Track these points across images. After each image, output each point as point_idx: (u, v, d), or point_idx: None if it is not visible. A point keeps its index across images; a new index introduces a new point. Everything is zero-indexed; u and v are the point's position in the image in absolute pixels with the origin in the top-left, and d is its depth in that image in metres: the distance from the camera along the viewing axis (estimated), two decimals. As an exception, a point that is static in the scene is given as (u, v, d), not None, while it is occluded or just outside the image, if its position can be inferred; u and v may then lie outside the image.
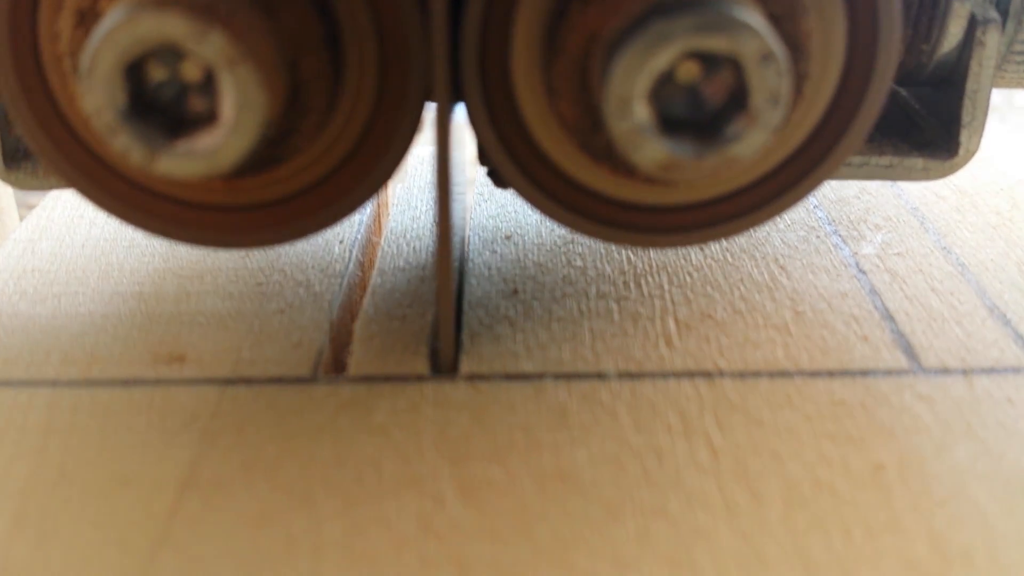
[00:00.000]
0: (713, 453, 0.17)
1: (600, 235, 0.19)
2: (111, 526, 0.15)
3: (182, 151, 0.15)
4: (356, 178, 0.18)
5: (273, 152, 0.17)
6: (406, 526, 0.15)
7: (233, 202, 0.18)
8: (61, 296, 0.22)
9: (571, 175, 0.18)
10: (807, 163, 0.18)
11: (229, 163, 0.15)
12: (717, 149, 0.15)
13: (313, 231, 0.18)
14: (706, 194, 0.18)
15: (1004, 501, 0.15)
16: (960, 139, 0.20)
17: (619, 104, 0.15)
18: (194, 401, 0.18)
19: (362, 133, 0.18)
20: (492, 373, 0.19)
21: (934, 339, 0.20)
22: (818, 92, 0.17)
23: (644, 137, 0.15)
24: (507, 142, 0.18)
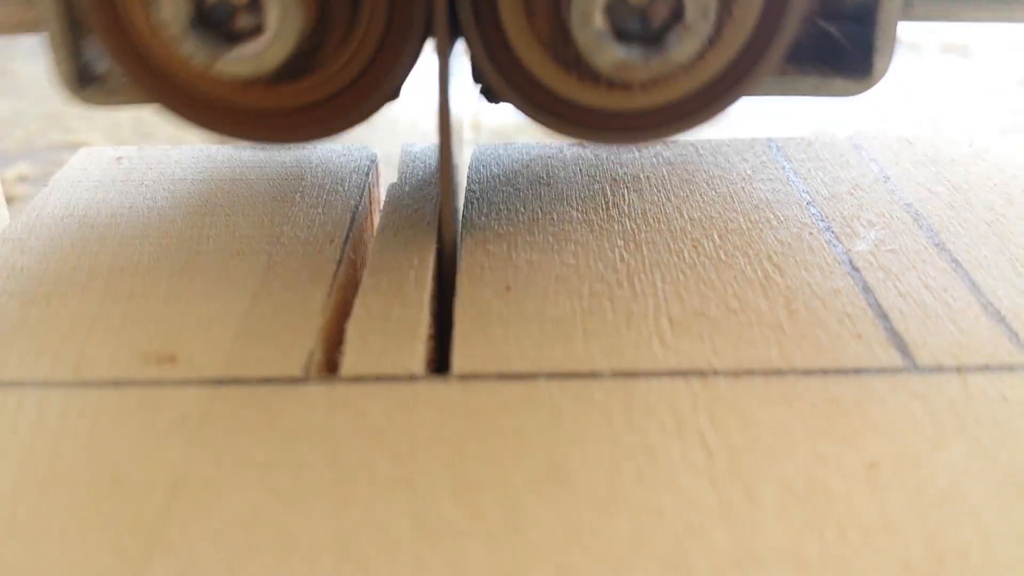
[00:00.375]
0: (707, 452, 0.17)
1: (574, 135, 0.23)
2: (102, 527, 0.15)
3: (236, 55, 0.20)
4: (372, 86, 0.22)
5: (305, 63, 0.22)
6: (400, 527, 0.15)
7: (274, 106, 0.22)
8: (51, 296, 0.22)
9: (549, 85, 0.22)
10: (738, 74, 0.22)
11: (273, 65, 0.20)
12: (660, 54, 0.20)
13: (340, 131, 0.23)
14: (658, 100, 0.22)
15: (999, 499, 0.15)
16: (873, 61, 0.24)
17: (582, 16, 0.20)
18: (185, 402, 0.18)
19: (376, 48, 0.22)
20: (485, 373, 0.19)
21: (928, 337, 0.20)
22: (746, 13, 0.21)
23: (602, 43, 0.20)
24: (496, 59, 0.22)
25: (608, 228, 0.24)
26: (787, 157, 0.29)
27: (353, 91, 0.22)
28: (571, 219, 0.25)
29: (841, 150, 0.29)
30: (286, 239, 0.24)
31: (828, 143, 0.30)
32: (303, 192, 0.26)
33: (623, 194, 0.26)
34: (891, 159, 0.29)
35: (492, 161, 0.28)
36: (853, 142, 0.30)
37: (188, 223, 0.25)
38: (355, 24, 0.22)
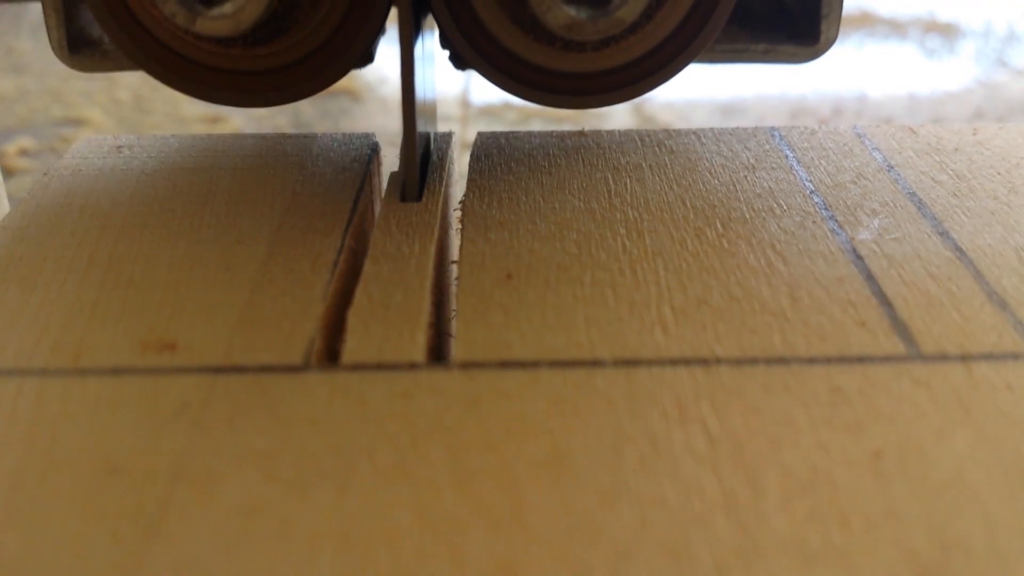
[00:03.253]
0: (710, 440, 0.16)
1: (533, 98, 0.25)
2: (102, 516, 0.15)
3: (214, 14, 0.22)
4: (343, 48, 0.24)
5: (280, 24, 0.23)
6: (400, 515, 0.15)
7: (251, 67, 0.24)
8: (50, 284, 0.22)
9: (508, 47, 0.24)
10: (686, 37, 0.24)
11: (249, 23, 0.22)
12: (607, 13, 0.22)
13: (312, 91, 0.25)
14: (613, 62, 0.24)
15: (1003, 487, 0.15)
16: (821, 28, 0.26)
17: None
18: (185, 389, 0.18)
19: (344, 13, 0.24)
20: (486, 361, 0.19)
21: (932, 325, 0.20)
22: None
23: (552, 2, 0.22)
24: (460, 22, 0.24)
25: (610, 216, 0.24)
26: (790, 146, 0.29)
27: (325, 52, 0.24)
28: (573, 207, 0.25)
29: (844, 139, 0.29)
30: (287, 227, 0.24)
31: (831, 132, 0.30)
32: (304, 180, 0.26)
33: (625, 183, 0.26)
34: (894, 148, 0.29)
35: (494, 149, 0.28)
36: (856, 131, 0.30)
37: (188, 211, 0.25)
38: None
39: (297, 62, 0.24)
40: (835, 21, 0.26)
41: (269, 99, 0.25)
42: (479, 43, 0.24)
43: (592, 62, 0.24)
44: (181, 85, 0.24)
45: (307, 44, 0.24)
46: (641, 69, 0.24)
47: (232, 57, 0.24)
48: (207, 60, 0.24)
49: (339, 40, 0.24)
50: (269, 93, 0.24)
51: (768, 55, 0.26)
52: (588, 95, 0.25)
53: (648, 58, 0.24)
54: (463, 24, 0.24)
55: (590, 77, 0.24)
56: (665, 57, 0.24)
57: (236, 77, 0.24)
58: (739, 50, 0.27)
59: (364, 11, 0.24)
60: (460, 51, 0.24)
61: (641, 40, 0.24)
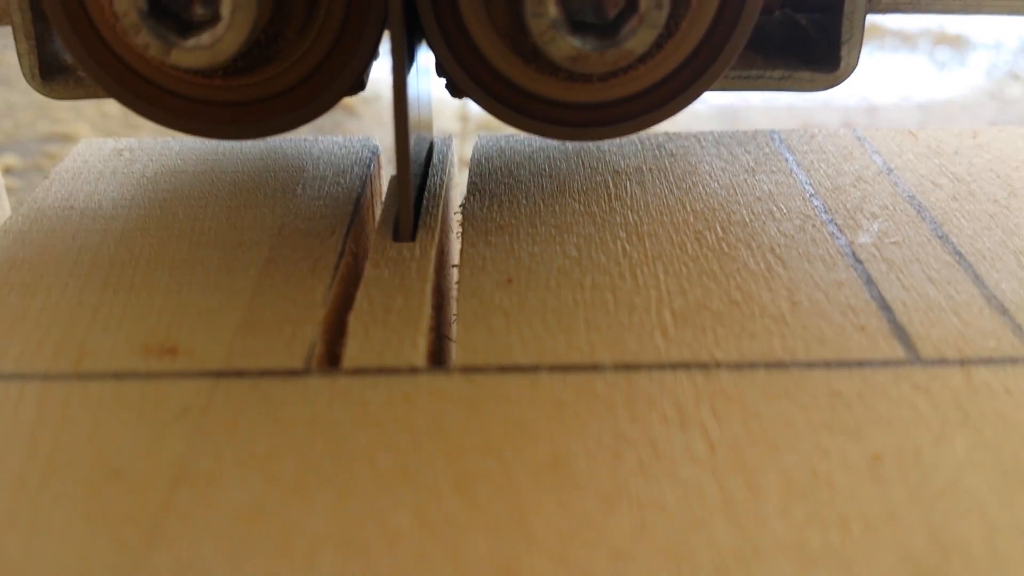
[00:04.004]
0: (710, 445, 0.16)
1: (535, 130, 0.23)
2: (103, 520, 0.15)
3: (190, 45, 0.20)
4: (332, 77, 0.22)
5: (262, 53, 0.21)
6: (401, 519, 0.15)
7: (232, 99, 0.22)
8: (52, 288, 0.22)
9: (508, 77, 0.22)
10: (698, 67, 0.22)
11: (227, 55, 0.20)
12: (615, 44, 0.20)
13: (300, 123, 0.22)
14: (619, 93, 0.22)
15: (1002, 492, 0.15)
16: (841, 54, 0.24)
17: (535, 5, 0.20)
18: (186, 394, 0.18)
19: (335, 38, 0.22)
20: (486, 365, 0.19)
21: (931, 329, 0.20)
22: (703, 3, 0.21)
23: (556, 33, 0.20)
24: (456, 51, 0.22)
25: (610, 220, 0.24)
26: (790, 149, 0.29)
27: (313, 82, 0.22)
28: (573, 211, 0.25)
29: (844, 142, 0.29)
30: (288, 231, 0.24)
31: (831, 135, 0.30)
32: (305, 184, 0.26)
33: (625, 186, 0.26)
34: (894, 151, 0.29)
35: (494, 153, 0.28)
36: (856, 134, 0.30)
37: (189, 215, 0.25)
38: (313, 13, 0.21)
39: (282, 93, 0.22)
40: (856, 47, 0.24)
41: (253, 131, 0.23)
42: (477, 73, 0.22)
43: (599, 92, 0.22)
44: (158, 116, 0.22)
45: (293, 74, 0.22)
46: (651, 99, 0.22)
47: (212, 88, 0.22)
48: (185, 90, 0.22)
49: (327, 70, 0.22)
50: (253, 125, 0.23)
51: (784, 82, 0.25)
52: (594, 127, 0.23)
53: (658, 88, 0.22)
54: (460, 53, 0.22)
55: (596, 108, 0.23)
56: (676, 87, 0.22)
57: (217, 108, 0.22)
58: (753, 77, 0.25)
59: (354, 39, 0.22)
60: (457, 81, 0.22)
61: (651, 70, 0.22)
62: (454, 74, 0.22)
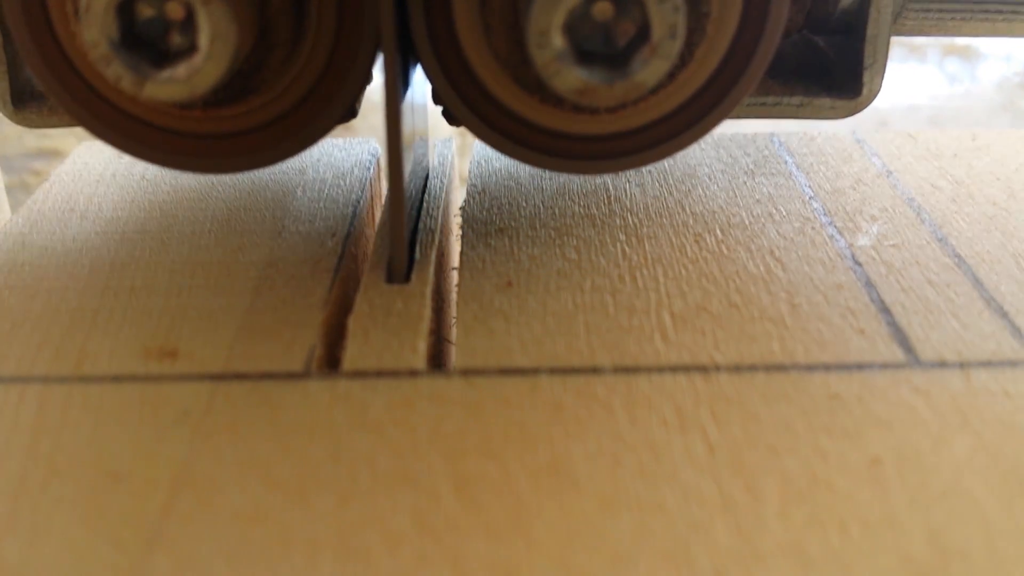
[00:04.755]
0: (709, 447, 0.17)
1: (536, 163, 0.21)
2: (103, 524, 0.15)
3: (165, 78, 0.18)
4: (321, 107, 0.20)
5: (245, 84, 0.20)
6: (401, 522, 0.15)
7: (213, 130, 0.21)
8: (52, 291, 0.22)
9: (510, 107, 0.21)
10: (714, 96, 0.20)
11: (205, 88, 0.18)
12: (625, 77, 0.18)
13: (288, 154, 0.21)
14: (628, 124, 0.21)
15: (1002, 495, 0.15)
16: (864, 80, 0.23)
17: (539, 35, 0.18)
18: (186, 397, 0.18)
19: (322, 70, 0.20)
20: (486, 368, 0.19)
21: (931, 332, 0.20)
22: (720, 31, 0.20)
23: (561, 65, 0.18)
24: (453, 79, 0.20)
25: (610, 223, 0.24)
26: (789, 152, 0.29)
27: (301, 112, 0.20)
28: (573, 214, 0.25)
29: (843, 145, 0.29)
30: (287, 234, 0.24)
31: (830, 138, 0.30)
32: (305, 186, 0.26)
33: (625, 189, 0.26)
34: (893, 154, 0.29)
35: (493, 155, 0.28)
36: (855, 137, 0.30)
37: (189, 218, 0.25)
38: (299, 42, 0.20)
39: (268, 124, 0.20)
40: (879, 72, 0.23)
41: (236, 165, 0.21)
42: (476, 103, 0.21)
43: (606, 124, 0.21)
44: (134, 149, 0.21)
45: (279, 104, 0.20)
46: (662, 131, 0.21)
47: (192, 119, 0.20)
48: (162, 122, 0.20)
49: (316, 99, 0.20)
50: (236, 158, 0.21)
51: (803, 109, 0.23)
52: (601, 159, 0.21)
53: (670, 119, 0.21)
54: (457, 82, 0.20)
55: (603, 140, 0.21)
56: (689, 118, 0.20)
57: (197, 141, 0.21)
58: (770, 104, 0.23)
59: (344, 67, 0.20)
60: (454, 111, 0.21)
61: (663, 101, 0.20)
62: (451, 104, 0.21)
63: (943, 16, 0.24)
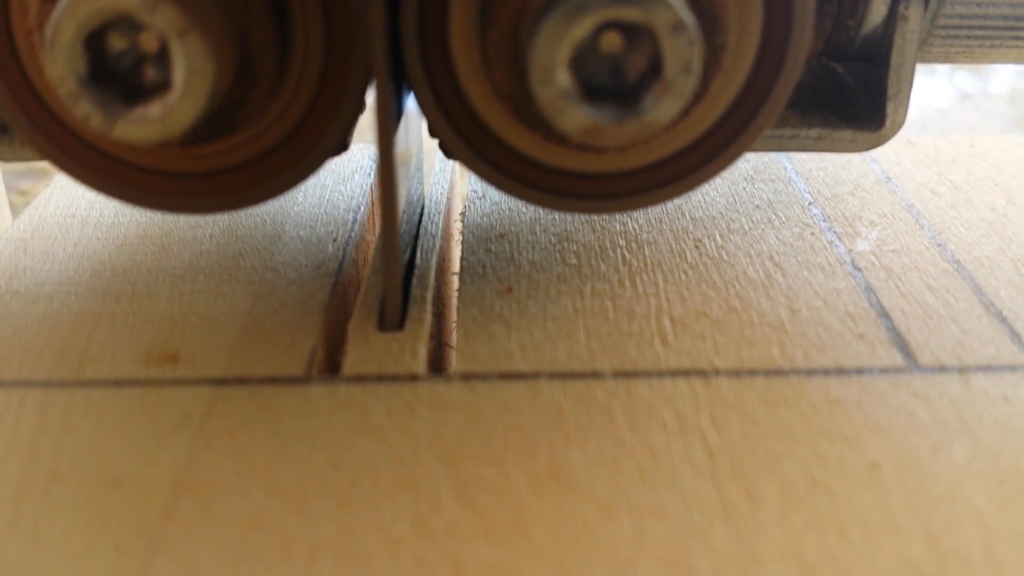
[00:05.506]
0: (709, 452, 0.17)
1: (538, 201, 0.20)
2: (104, 528, 0.15)
3: (138, 117, 0.16)
4: (305, 147, 0.19)
5: (226, 120, 0.18)
6: (401, 527, 0.15)
7: (192, 169, 0.19)
8: (53, 296, 0.22)
9: (510, 144, 0.19)
10: (730, 132, 0.19)
11: (181, 128, 0.16)
12: (636, 116, 0.16)
13: (265, 198, 0.19)
14: (637, 162, 0.19)
15: (1000, 500, 0.15)
16: (887, 111, 0.21)
17: (543, 71, 0.16)
18: (187, 401, 0.18)
19: (309, 105, 0.19)
20: (487, 372, 0.19)
21: (930, 337, 0.20)
22: (736, 63, 0.18)
23: (567, 103, 0.16)
24: (449, 113, 0.19)
25: (610, 228, 0.24)
26: (789, 157, 0.29)
27: (287, 149, 0.19)
28: (573, 219, 0.25)
29: (843, 150, 0.29)
30: (288, 238, 0.24)
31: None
32: (305, 191, 0.26)
33: (625, 194, 0.26)
34: (892, 159, 0.29)
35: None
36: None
37: (190, 222, 0.25)
38: (284, 75, 0.18)
39: (252, 161, 0.19)
40: (903, 103, 0.21)
41: (218, 205, 0.19)
42: (474, 139, 0.19)
43: (615, 161, 0.19)
44: (109, 189, 0.19)
45: (264, 141, 0.19)
46: (673, 169, 0.19)
47: (170, 157, 0.19)
48: (139, 159, 0.19)
49: (303, 135, 0.19)
50: (219, 197, 0.19)
51: (822, 142, 0.22)
52: (610, 199, 0.20)
53: (682, 156, 0.19)
54: (454, 117, 0.19)
55: (611, 178, 0.19)
56: (703, 155, 0.19)
57: (175, 180, 0.19)
58: (787, 136, 0.22)
59: (333, 102, 0.19)
60: (450, 147, 0.19)
61: (674, 137, 0.19)
62: (446, 139, 0.19)
63: (971, 43, 0.22)
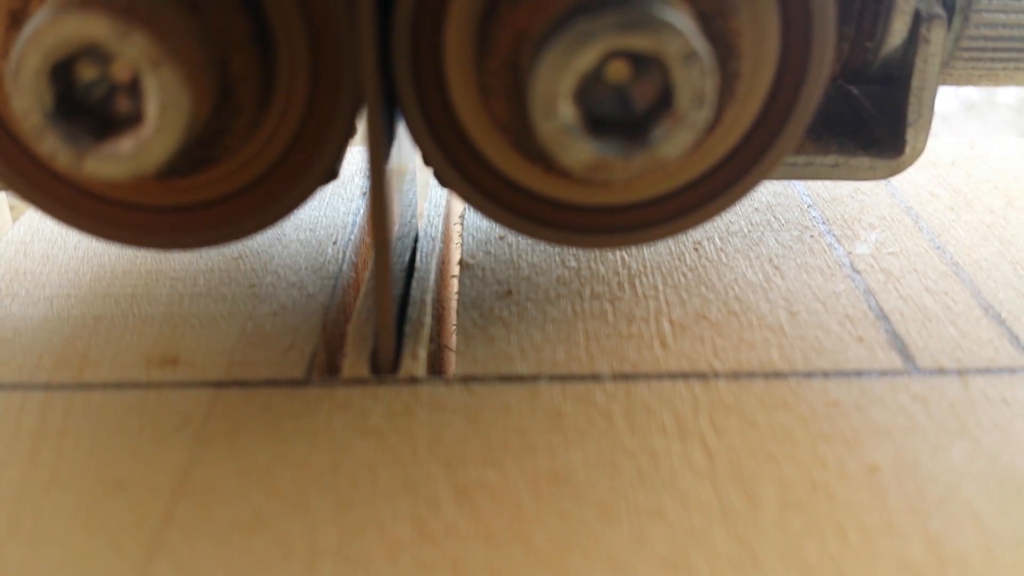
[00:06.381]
0: (708, 455, 0.17)
1: (539, 236, 0.19)
2: (104, 531, 0.15)
3: (108, 152, 0.15)
4: (291, 180, 0.18)
5: (206, 152, 0.17)
6: (401, 530, 0.15)
7: (169, 203, 0.18)
8: (53, 299, 0.22)
9: (508, 175, 0.18)
10: (744, 163, 0.18)
11: (155, 164, 0.15)
12: (644, 149, 0.15)
13: (249, 233, 0.18)
14: (644, 194, 0.18)
15: (999, 502, 0.15)
16: (906, 137, 0.20)
17: (545, 103, 0.15)
18: (187, 404, 0.18)
19: (296, 134, 0.18)
20: (486, 375, 0.19)
21: (929, 339, 0.20)
22: (751, 91, 0.17)
23: (570, 137, 0.15)
24: (443, 143, 0.18)
25: (609, 230, 0.24)
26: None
27: (274, 180, 0.18)
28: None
29: (842, 152, 0.29)
30: (288, 241, 0.24)
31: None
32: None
33: (624, 196, 0.26)
34: (892, 161, 0.29)
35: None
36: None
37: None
38: (268, 104, 0.17)
39: (234, 195, 0.18)
40: (924, 128, 0.20)
41: (201, 240, 0.18)
42: (470, 170, 0.18)
43: (621, 194, 0.18)
44: (83, 225, 0.18)
45: (246, 173, 0.18)
46: (683, 201, 0.18)
47: (146, 191, 0.18)
48: (114, 193, 0.18)
49: (289, 167, 0.18)
50: (199, 233, 0.18)
51: (838, 170, 0.21)
52: (616, 232, 0.18)
53: (692, 188, 0.18)
54: (449, 147, 0.18)
55: (618, 211, 0.18)
56: (714, 187, 0.18)
57: (152, 215, 0.18)
58: (801, 164, 0.21)
59: (320, 132, 0.18)
60: (444, 178, 0.18)
61: (683, 169, 0.18)
62: (441, 169, 0.18)
63: (995, 65, 0.21)
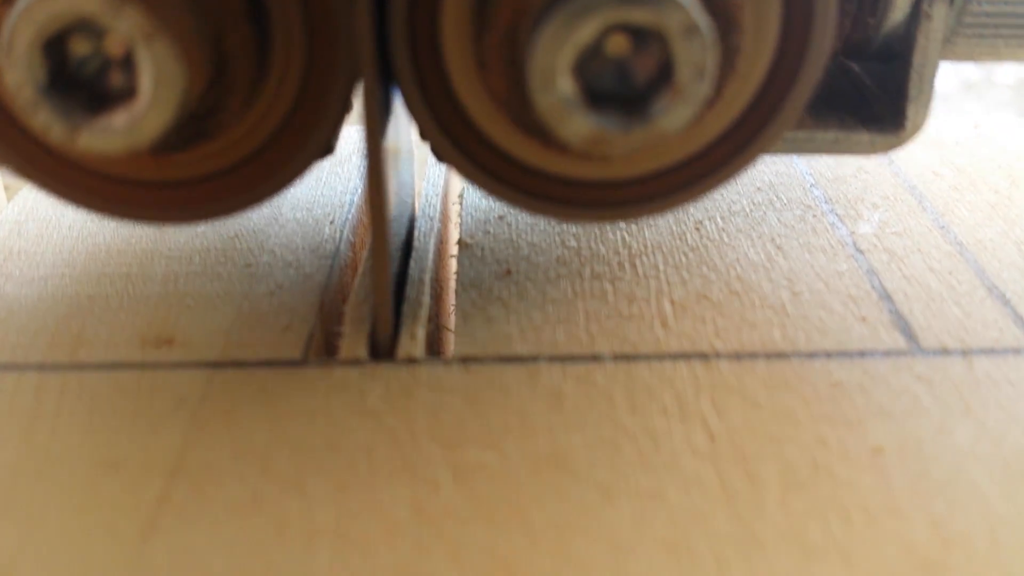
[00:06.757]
0: (710, 436, 0.16)
1: (537, 210, 0.19)
2: (99, 512, 0.15)
3: (102, 127, 0.15)
4: (286, 155, 0.18)
5: (200, 127, 0.17)
6: (399, 511, 0.15)
7: (165, 178, 0.18)
8: (48, 278, 0.22)
9: (506, 150, 0.18)
10: (743, 137, 0.18)
11: (149, 138, 0.15)
12: (644, 123, 0.15)
13: (244, 207, 0.18)
14: (644, 168, 0.18)
15: (1004, 483, 0.15)
16: (907, 113, 0.20)
17: (543, 77, 0.15)
18: (183, 384, 0.18)
19: (291, 109, 0.18)
20: (485, 355, 0.19)
21: (933, 319, 0.20)
22: (752, 66, 0.17)
23: (569, 111, 0.15)
24: (440, 118, 0.18)
25: (610, 210, 0.24)
26: (790, 139, 0.29)
27: (269, 154, 0.18)
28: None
29: (845, 131, 0.29)
30: (284, 220, 0.24)
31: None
32: (302, 174, 0.26)
33: (625, 176, 0.26)
34: (895, 141, 0.28)
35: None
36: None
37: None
38: (263, 78, 0.17)
39: (229, 170, 0.18)
40: (925, 104, 0.20)
41: (196, 214, 0.18)
42: (467, 144, 0.18)
43: (620, 169, 0.18)
44: (78, 199, 0.18)
45: (242, 148, 0.18)
46: (682, 176, 0.18)
47: (141, 166, 0.18)
48: (108, 168, 0.18)
49: (285, 141, 0.18)
50: (195, 207, 0.18)
51: (838, 145, 0.21)
52: (615, 207, 0.18)
53: (692, 163, 0.18)
54: (446, 121, 0.18)
55: (616, 186, 0.18)
56: (713, 162, 0.18)
57: (147, 189, 0.18)
58: (801, 139, 0.21)
59: (316, 106, 0.18)
60: (441, 152, 0.18)
61: (684, 143, 0.18)
62: (438, 145, 0.18)
63: (997, 41, 0.21)
